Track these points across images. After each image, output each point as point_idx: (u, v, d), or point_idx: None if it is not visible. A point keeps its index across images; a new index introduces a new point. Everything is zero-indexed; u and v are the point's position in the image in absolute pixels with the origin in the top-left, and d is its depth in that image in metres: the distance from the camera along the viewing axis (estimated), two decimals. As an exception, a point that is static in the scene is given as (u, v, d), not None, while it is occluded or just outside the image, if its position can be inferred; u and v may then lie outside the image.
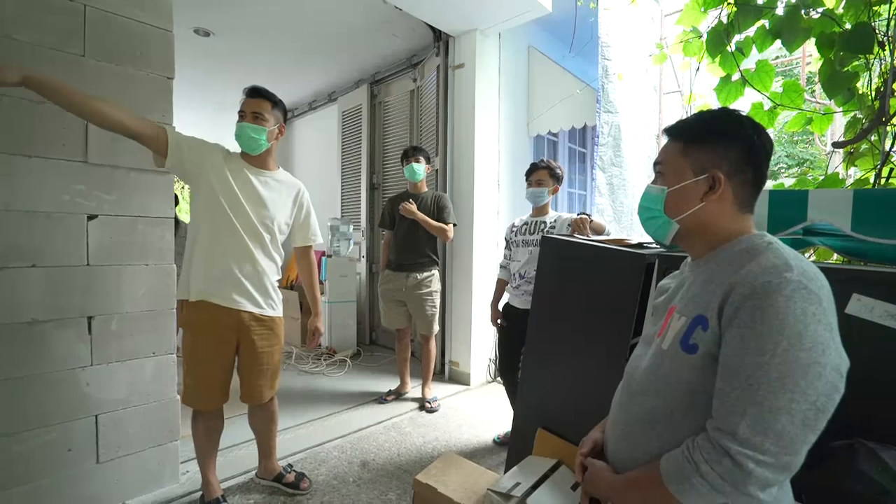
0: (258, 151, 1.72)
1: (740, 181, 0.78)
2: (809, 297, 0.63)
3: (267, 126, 1.70)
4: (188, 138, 1.64)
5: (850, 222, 1.14)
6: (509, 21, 3.13)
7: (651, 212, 0.86)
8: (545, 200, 2.35)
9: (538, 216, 2.38)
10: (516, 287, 2.36)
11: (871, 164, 1.91)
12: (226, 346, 1.70)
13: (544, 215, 2.37)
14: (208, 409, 1.73)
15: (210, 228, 1.66)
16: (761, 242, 0.74)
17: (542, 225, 2.33)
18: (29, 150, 1.54)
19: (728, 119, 0.80)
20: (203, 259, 1.66)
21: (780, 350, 0.62)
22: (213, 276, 1.65)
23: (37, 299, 1.57)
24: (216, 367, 1.69)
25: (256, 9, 3.27)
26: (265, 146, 1.73)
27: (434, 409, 2.88)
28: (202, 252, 1.66)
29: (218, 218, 1.65)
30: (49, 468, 1.62)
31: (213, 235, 1.66)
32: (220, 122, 6.02)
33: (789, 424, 0.61)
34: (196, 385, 1.69)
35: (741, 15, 2.02)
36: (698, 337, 0.72)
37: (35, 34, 1.53)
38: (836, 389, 0.63)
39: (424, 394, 2.98)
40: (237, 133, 1.69)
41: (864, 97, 1.90)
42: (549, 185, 2.33)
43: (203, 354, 1.68)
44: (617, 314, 1.40)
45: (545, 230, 2.29)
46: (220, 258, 1.66)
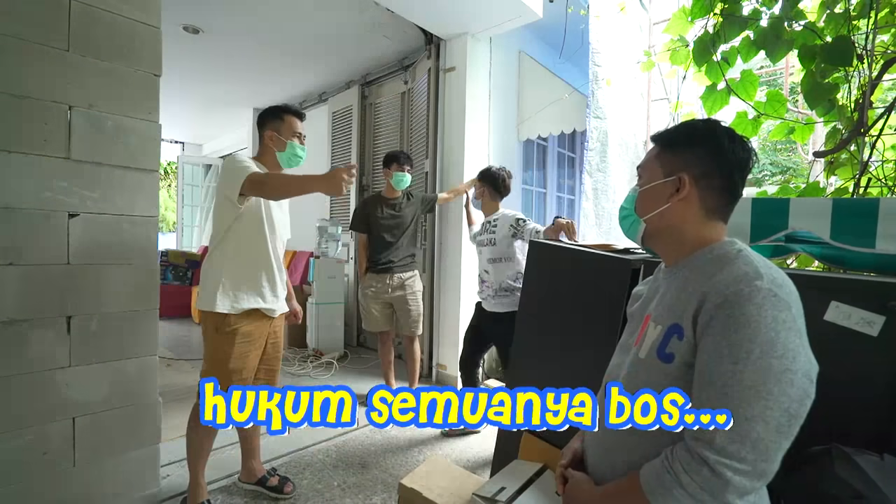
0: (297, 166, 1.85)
1: (708, 186, 0.79)
2: (779, 305, 0.65)
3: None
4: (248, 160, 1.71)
5: (829, 231, 1.16)
6: (500, 26, 3.15)
7: (625, 211, 0.89)
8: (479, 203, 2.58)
9: (486, 217, 2.55)
10: (478, 290, 2.55)
11: (850, 174, 1.96)
12: (258, 348, 1.81)
13: (490, 215, 2.52)
14: None
15: (257, 241, 1.74)
16: (732, 250, 0.75)
17: (487, 224, 2.50)
18: (9, 145, 1.50)
19: (703, 126, 0.82)
20: (251, 271, 1.73)
21: (752, 358, 0.63)
22: (263, 287, 1.75)
23: (14, 298, 1.53)
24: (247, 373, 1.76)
25: (247, 7, 3.24)
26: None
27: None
28: (250, 265, 1.73)
29: (263, 234, 1.74)
30: (23, 472, 1.57)
31: (259, 247, 1.74)
32: (207, 117, 5.96)
33: (764, 432, 0.62)
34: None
35: (727, 25, 2.06)
36: (674, 346, 0.73)
37: (16, 26, 1.50)
38: (807, 395, 0.64)
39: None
40: (299, 154, 1.80)
41: (843, 108, 1.95)
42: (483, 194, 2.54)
43: (245, 370, 1.74)
44: (603, 319, 1.41)
45: (488, 228, 2.47)
46: (267, 270, 1.76)
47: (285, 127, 1.77)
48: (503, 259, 2.40)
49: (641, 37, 3.80)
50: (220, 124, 6.58)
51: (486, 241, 2.45)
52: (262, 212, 1.73)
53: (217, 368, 1.70)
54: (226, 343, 1.70)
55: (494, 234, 2.41)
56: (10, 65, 1.50)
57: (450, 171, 3.38)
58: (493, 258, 2.41)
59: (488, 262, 2.43)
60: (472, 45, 3.25)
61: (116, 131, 1.71)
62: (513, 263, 2.39)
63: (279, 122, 1.77)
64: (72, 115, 1.62)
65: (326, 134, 4.81)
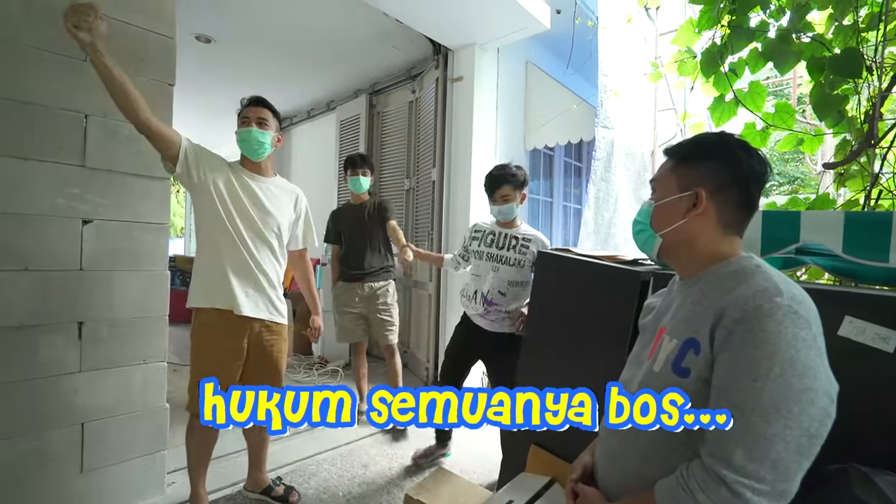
0: (262, 156, 1.76)
1: (725, 200, 0.78)
2: (799, 322, 0.64)
3: (270, 132, 1.74)
4: (199, 146, 1.65)
5: (841, 244, 1.15)
6: (508, 37, 3.17)
7: (640, 225, 0.89)
8: (515, 214, 2.12)
9: (506, 228, 2.13)
10: (479, 311, 2.10)
11: (860, 185, 1.94)
12: (237, 354, 1.70)
13: (513, 227, 2.13)
14: None
15: (221, 237, 1.67)
16: (750, 265, 0.74)
17: (513, 240, 2.08)
18: (25, 152, 1.53)
19: (718, 140, 0.82)
20: (216, 267, 1.67)
21: (772, 375, 0.62)
22: (227, 284, 1.66)
23: (27, 303, 1.55)
24: (225, 375, 1.68)
25: (258, 17, 3.29)
26: (269, 151, 1.77)
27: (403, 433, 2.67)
28: (215, 260, 1.67)
29: (228, 226, 1.67)
30: (31, 477, 1.58)
31: (225, 244, 1.67)
32: (218, 125, 6.02)
33: (784, 451, 0.61)
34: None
35: (734, 37, 2.07)
36: (690, 361, 0.72)
37: (39, 38, 1.54)
38: (828, 415, 0.63)
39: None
40: (243, 138, 1.71)
41: (853, 120, 1.94)
42: (516, 199, 2.07)
43: (215, 362, 1.68)
44: (612, 331, 1.40)
45: (516, 246, 2.07)
46: (232, 266, 1.67)
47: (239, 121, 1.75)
48: (523, 284, 2.07)
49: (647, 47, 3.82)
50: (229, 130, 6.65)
51: (513, 262, 2.05)
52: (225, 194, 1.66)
53: (192, 363, 1.69)
54: (196, 339, 1.69)
55: (525, 256, 2.04)
56: (30, 75, 1.54)
57: (457, 181, 3.39)
58: (515, 281, 2.05)
59: (509, 284, 2.05)
60: (479, 56, 3.28)
61: (130, 139, 1.73)
62: (529, 290, 2.03)
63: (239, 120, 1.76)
64: (87, 124, 1.65)
65: (334, 142, 4.85)
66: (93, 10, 1.28)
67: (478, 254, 2.15)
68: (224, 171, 1.70)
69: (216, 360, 1.68)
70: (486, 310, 2.07)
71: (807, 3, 2.00)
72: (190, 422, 1.73)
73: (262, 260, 1.73)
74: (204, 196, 1.66)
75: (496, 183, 2.06)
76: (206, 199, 1.66)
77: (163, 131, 1.51)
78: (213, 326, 1.67)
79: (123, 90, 1.38)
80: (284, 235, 1.82)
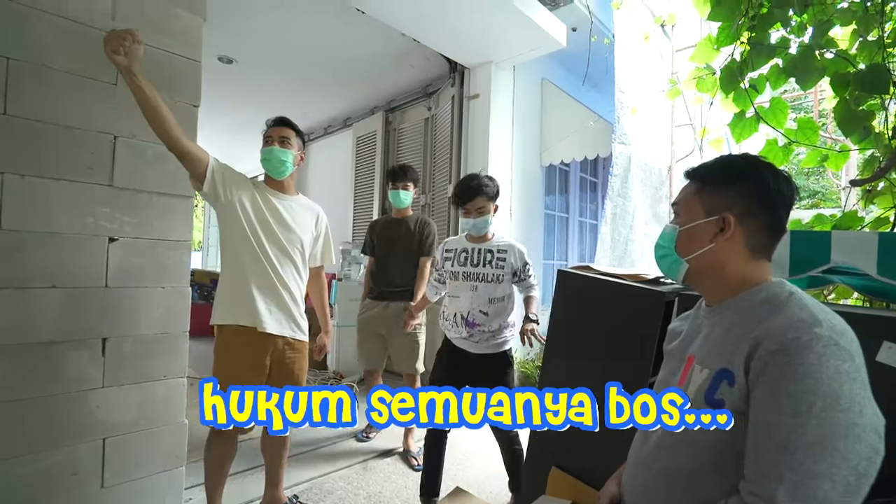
0: (284, 175, 1.80)
1: (753, 225, 0.77)
2: (841, 355, 0.61)
3: (292, 150, 1.78)
4: (225, 166, 1.71)
5: (875, 266, 1.12)
6: (524, 55, 3.21)
7: (664, 250, 0.86)
8: (488, 228, 2.00)
9: (478, 243, 2.00)
10: (462, 335, 1.97)
11: (890, 203, 1.89)
12: (259, 371, 1.73)
13: (485, 241, 2.00)
14: (231, 432, 1.74)
15: (246, 254, 1.71)
16: (782, 292, 0.72)
17: (488, 255, 1.96)
18: (57, 173, 1.58)
19: (744, 163, 0.81)
20: (240, 285, 1.71)
21: (815, 411, 0.59)
22: (251, 301, 1.69)
23: (54, 320, 1.58)
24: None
25: (277, 38, 3.39)
26: (290, 170, 1.82)
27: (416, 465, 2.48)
28: (239, 277, 1.71)
29: (253, 244, 1.71)
30: (51, 492, 1.59)
31: (250, 261, 1.71)
32: (237, 142, 6.17)
33: (831, 491, 0.58)
34: None
35: (754, 53, 2.05)
36: (724, 392, 0.70)
37: (71, 63, 1.59)
38: (876, 452, 0.60)
39: (408, 444, 2.60)
40: (266, 157, 1.77)
41: (881, 136, 1.90)
42: (490, 211, 1.95)
43: (237, 378, 1.69)
44: (635, 352, 1.37)
45: (492, 260, 1.95)
46: (256, 283, 1.71)
47: (263, 140, 1.82)
48: (505, 298, 1.97)
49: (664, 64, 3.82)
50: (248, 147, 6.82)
51: (492, 277, 1.93)
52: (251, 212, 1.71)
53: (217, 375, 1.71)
54: (219, 355, 1.72)
55: (503, 270, 1.94)
56: (65, 99, 1.59)
57: (472, 196, 3.40)
58: (496, 297, 1.94)
59: (489, 301, 1.93)
60: (496, 74, 3.32)
61: (156, 159, 1.78)
62: (512, 304, 2.01)
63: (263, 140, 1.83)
64: (116, 145, 1.70)
65: (351, 158, 4.92)
66: (130, 35, 1.36)
67: (453, 274, 2.00)
68: (249, 189, 1.74)
69: (239, 376, 1.69)
70: (469, 332, 1.94)
71: (829, 19, 1.98)
72: (209, 436, 1.75)
73: (285, 276, 1.76)
74: (229, 214, 1.70)
75: (470, 194, 1.91)
76: (232, 217, 1.70)
77: (192, 150, 1.57)
78: (237, 343, 1.70)
79: (156, 111, 1.44)
80: (307, 252, 1.86)
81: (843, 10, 1.99)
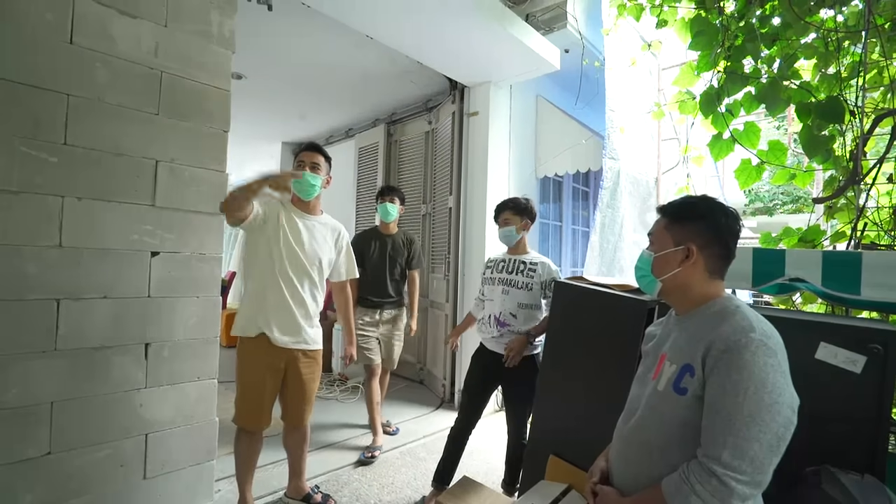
0: (311, 196, 2.00)
1: (710, 254, 0.99)
2: (769, 353, 0.84)
3: (322, 175, 1.98)
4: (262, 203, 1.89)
5: (820, 279, 1.34)
6: (521, 76, 3.43)
7: (642, 271, 1.09)
8: (516, 238, 2.25)
9: (515, 254, 2.27)
10: (493, 334, 2.19)
11: (848, 218, 2.13)
12: (276, 377, 1.91)
13: (522, 254, 2.27)
14: (256, 429, 1.92)
15: (267, 274, 1.89)
16: (730, 306, 0.95)
17: (522, 265, 2.21)
18: (108, 195, 1.76)
19: (703, 205, 1.03)
20: (259, 300, 1.89)
21: (749, 393, 0.81)
22: (266, 318, 1.87)
23: (105, 327, 1.76)
24: (266, 394, 1.89)
25: (284, 56, 3.58)
26: (318, 192, 2.01)
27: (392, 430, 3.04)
28: (259, 294, 1.89)
29: (273, 265, 1.89)
30: (101, 482, 1.77)
31: (270, 279, 1.89)
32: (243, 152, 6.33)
33: (759, 450, 0.80)
34: (247, 408, 1.88)
35: (730, 81, 2.29)
36: (688, 382, 0.92)
37: (121, 97, 1.78)
38: (790, 422, 0.83)
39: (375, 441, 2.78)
40: (297, 180, 1.90)
41: (839, 158, 2.14)
42: (516, 223, 2.22)
43: (258, 383, 1.88)
44: (621, 353, 1.58)
45: (524, 270, 2.19)
46: (273, 301, 1.89)
47: (294, 164, 2.01)
48: (534, 307, 2.17)
49: (652, 80, 4.06)
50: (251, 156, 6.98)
51: (522, 285, 2.16)
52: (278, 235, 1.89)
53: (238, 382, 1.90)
54: (241, 363, 1.90)
55: (533, 279, 2.17)
56: (114, 129, 1.78)
57: (472, 207, 3.61)
58: (525, 303, 2.16)
59: (519, 306, 2.15)
60: (494, 92, 3.53)
61: (192, 180, 1.97)
62: (541, 312, 2.19)
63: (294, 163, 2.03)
64: (158, 168, 1.89)
65: (353, 168, 5.10)
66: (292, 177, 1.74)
67: (490, 280, 2.28)
68: (276, 210, 1.93)
69: (258, 379, 1.89)
70: (500, 332, 2.17)
71: (794, 53, 2.22)
72: (237, 433, 1.93)
73: (302, 293, 1.94)
74: (257, 236, 1.90)
75: (500, 208, 2.30)
76: (259, 239, 1.90)
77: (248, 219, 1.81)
78: (254, 352, 1.88)
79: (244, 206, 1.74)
80: (325, 268, 2.05)
81: (807, 45, 2.22)
